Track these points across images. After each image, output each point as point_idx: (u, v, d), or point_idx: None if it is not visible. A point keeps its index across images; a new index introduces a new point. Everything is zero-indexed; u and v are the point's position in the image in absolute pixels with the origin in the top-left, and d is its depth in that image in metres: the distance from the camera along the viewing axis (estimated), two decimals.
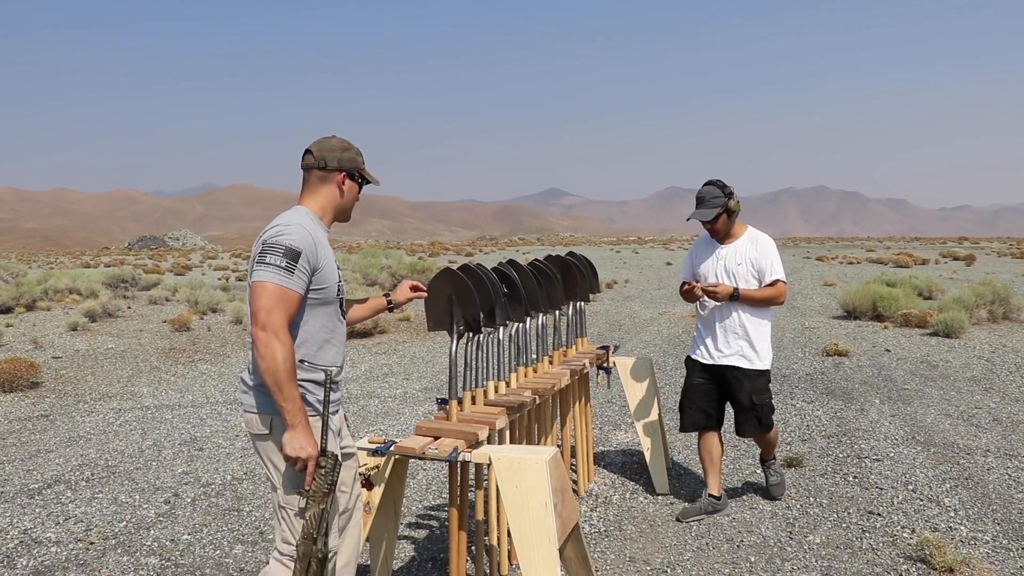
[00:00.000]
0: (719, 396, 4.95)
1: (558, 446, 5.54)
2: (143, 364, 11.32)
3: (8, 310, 17.21)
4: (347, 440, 3.17)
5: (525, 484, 3.31)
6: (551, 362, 5.05)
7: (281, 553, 2.90)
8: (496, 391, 4.21)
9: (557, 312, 5.06)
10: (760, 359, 4.79)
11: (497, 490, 3.84)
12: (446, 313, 3.75)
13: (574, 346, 5.57)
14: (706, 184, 4.76)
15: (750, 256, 4.73)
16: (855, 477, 5.69)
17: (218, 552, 4.69)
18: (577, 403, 5.36)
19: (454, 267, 3.75)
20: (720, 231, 4.76)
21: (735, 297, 4.68)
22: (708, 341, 4.89)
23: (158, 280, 25.12)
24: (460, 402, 3.87)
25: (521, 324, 4.48)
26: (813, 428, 7.07)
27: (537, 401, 4.31)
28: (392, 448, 3.48)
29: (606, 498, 5.35)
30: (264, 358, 2.58)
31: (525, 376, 4.62)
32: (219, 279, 30.36)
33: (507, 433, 4.03)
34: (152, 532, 5.02)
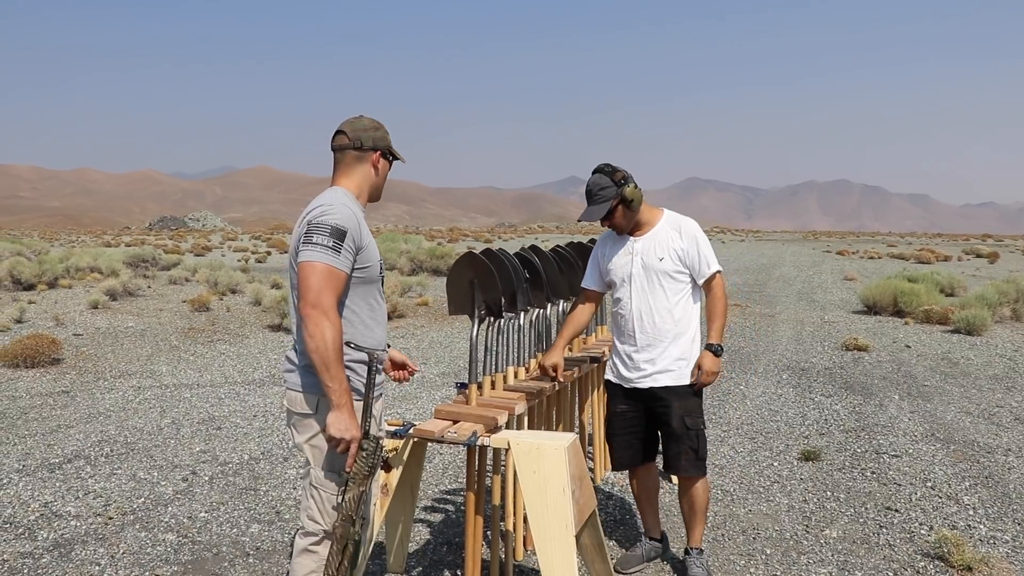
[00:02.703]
0: (647, 423, 4.02)
1: (576, 433, 5.54)
2: (162, 343, 11.40)
3: (31, 287, 17.36)
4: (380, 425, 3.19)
5: (543, 470, 3.30)
6: (571, 349, 5.03)
7: (306, 533, 2.92)
8: (516, 377, 4.21)
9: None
10: (690, 370, 3.88)
11: (515, 475, 3.84)
12: (468, 297, 3.75)
13: (594, 334, 5.56)
14: (593, 173, 3.87)
15: (675, 248, 3.85)
16: (873, 472, 5.65)
17: (235, 530, 4.72)
18: (596, 391, 5.34)
19: (476, 252, 3.74)
20: (621, 225, 3.89)
21: (720, 351, 3.89)
22: (626, 357, 3.97)
23: (178, 260, 25.27)
24: (480, 387, 3.87)
25: (542, 310, 4.47)
26: (831, 422, 7.03)
27: (557, 388, 4.30)
28: (411, 431, 3.48)
29: (623, 486, 5.34)
30: (314, 337, 2.60)
31: None
32: (238, 260, 30.52)
33: (525, 419, 4.03)
34: (170, 509, 5.05)
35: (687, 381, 3.86)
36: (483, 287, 3.71)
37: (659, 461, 4.21)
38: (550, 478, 3.28)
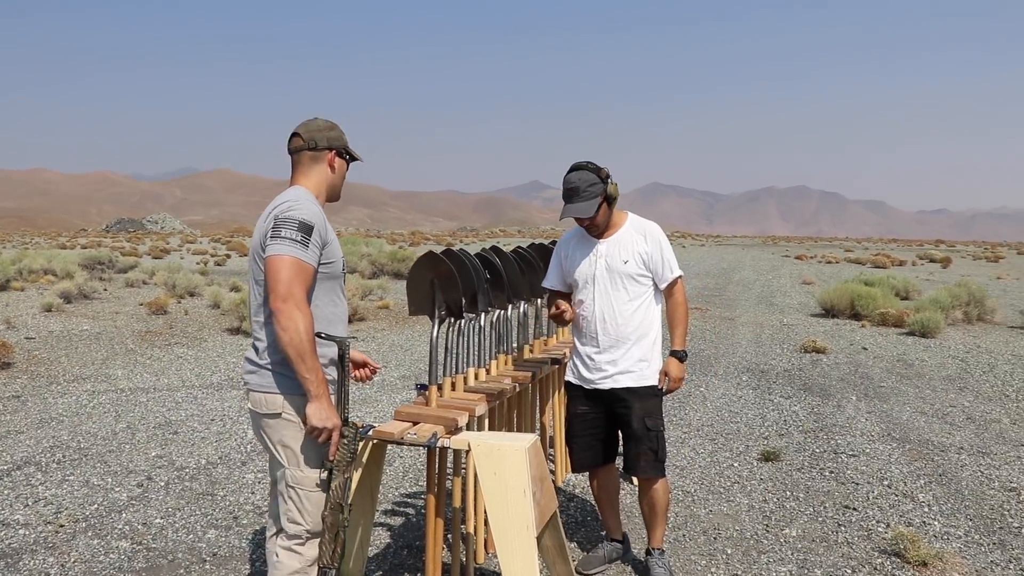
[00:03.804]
0: (608, 424, 4.02)
1: (537, 434, 5.53)
2: (118, 347, 11.19)
3: None
4: None
5: (504, 471, 3.28)
6: (532, 351, 5.02)
7: (289, 536, 2.92)
8: (476, 378, 4.18)
9: (539, 301, 5.03)
10: (652, 371, 3.89)
11: (475, 477, 3.81)
12: (428, 298, 3.72)
13: (555, 336, 5.56)
14: (575, 170, 3.78)
15: (639, 251, 3.85)
16: (831, 472, 5.71)
17: (191, 536, 4.64)
18: (556, 392, 5.34)
19: (437, 252, 3.71)
20: (601, 225, 3.86)
21: (684, 356, 3.94)
22: (587, 359, 3.96)
23: (135, 263, 24.86)
24: (440, 388, 3.84)
25: (503, 311, 4.45)
26: (791, 423, 7.10)
27: (517, 389, 4.28)
28: (370, 433, 3.44)
29: (584, 488, 5.34)
30: (287, 330, 2.61)
31: (506, 364, 4.59)
32: (197, 263, 30.11)
33: (486, 420, 4.00)
34: (124, 515, 4.95)
35: (648, 382, 3.87)
36: (443, 288, 3.68)
37: (619, 463, 4.21)
38: (511, 479, 3.26)
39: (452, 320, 3.83)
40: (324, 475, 2.86)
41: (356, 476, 3.61)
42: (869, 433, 6.79)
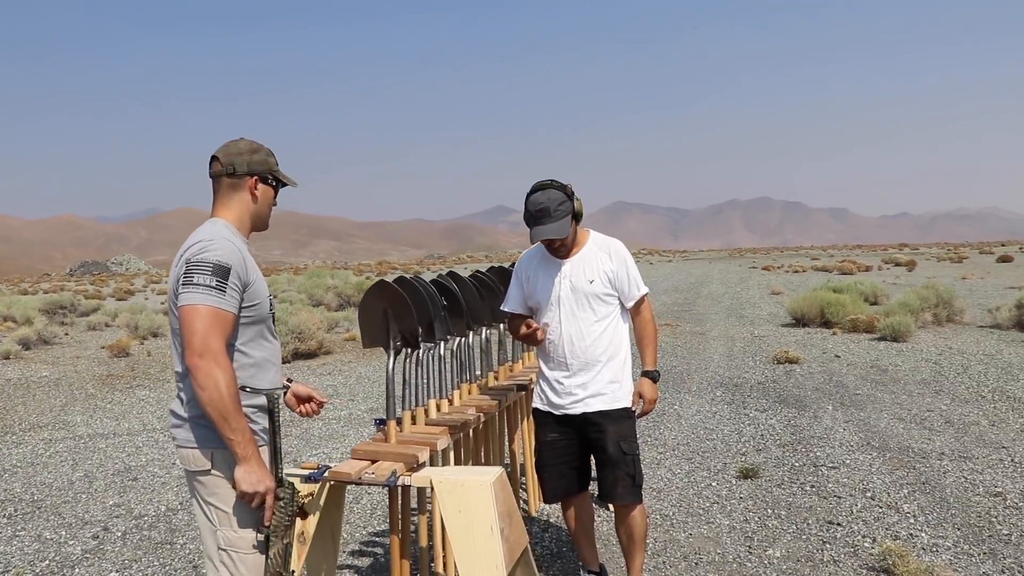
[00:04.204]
0: (580, 450, 3.81)
1: (506, 466, 5.34)
2: (78, 392, 10.84)
3: None
4: None
5: (469, 508, 3.09)
6: (497, 378, 4.85)
7: None
8: (439, 409, 4.00)
9: (502, 326, 4.86)
10: (624, 392, 3.73)
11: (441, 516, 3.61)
12: (382, 328, 3.53)
13: (520, 361, 5.38)
14: (539, 189, 3.59)
15: (604, 269, 3.69)
16: (812, 486, 5.57)
17: None
18: (525, 420, 5.15)
19: (387, 280, 3.53)
20: (570, 245, 3.71)
21: (657, 376, 3.81)
22: (556, 383, 3.76)
23: (98, 305, 24.37)
24: (399, 422, 3.65)
25: (463, 338, 4.28)
26: (767, 437, 6.96)
27: (482, 419, 4.10)
28: (326, 474, 3.24)
29: (558, 517, 5.14)
30: (206, 388, 2.34)
31: (469, 393, 4.41)
32: (161, 303, 29.60)
33: (451, 454, 3.82)
34: (77, 570, 4.71)
35: (621, 404, 3.71)
36: (397, 317, 3.49)
37: (592, 489, 4.03)
38: (476, 516, 3.08)
39: (408, 351, 3.65)
40: (261, 537, 2.58)
41: (314, 519, 3.40)
42: (848, 443, 6.66)
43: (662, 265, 56.23)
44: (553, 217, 3.55)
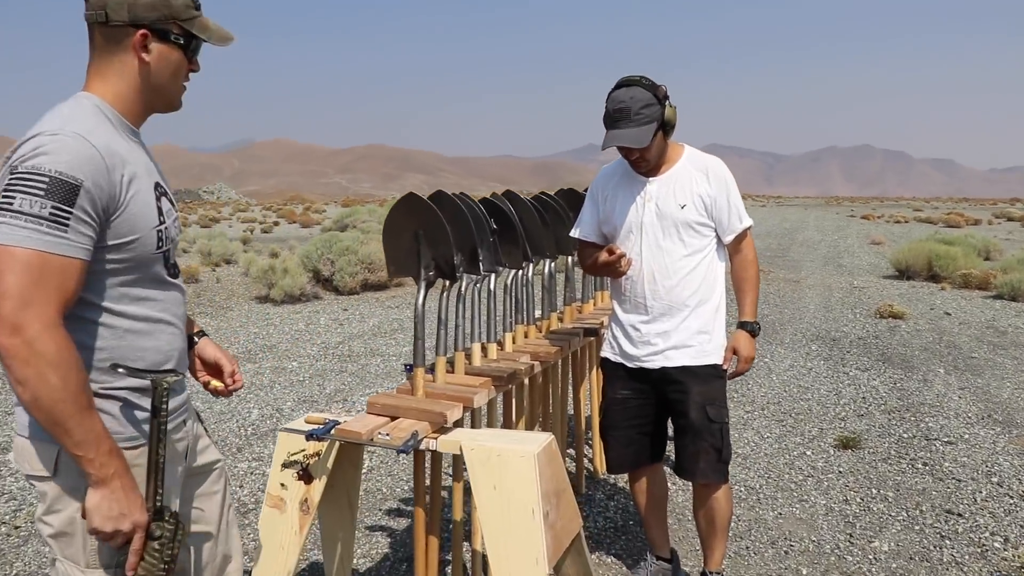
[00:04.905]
0: (656, 413, 3.14)
1: (568, 426, 4.69)
2: None
3: None
4: (210, 454, 2.16)
5: (506, 484, 2.45)
6: (561, 320, 4.16)
7: None
8: (485, 355, 3.34)
9: (570, 259, 4.15)
10: (714, 346, 3.02)
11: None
12: (411, 254, 2.86)
13: (592, 301, 4.67)
14: (623, 86, 2.86)
15: (700, 193, 2.95)
16: (925, 464, 4.75)
17: None
18: (594, 371, 4.48)
19: (419, 194, 2.84)
20: (653, 159, 2.93)
21: (756, 330, 3.07)
22: (631, 330, 3.07)
23: None
24: (431, 370, 3.01)
25: (520, 271, 3.59)
26: (870, 401, 6.12)
27: (536, 369, 3.43)
28: (332, 431, 2.63)
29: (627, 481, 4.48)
30: (26, 383, 1.50)
31: (526, 337, 3.74)
32: (243, 231, 29.73)
33: (499, 410, 3.19)
34: None
35: (710, 360, 2.99)
36: (430, 241, 2.82)
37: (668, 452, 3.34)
38: (514, 496, 2.44)
39: (448, 283, 2.98)
40: None
41: (319, 484, 2.81)
42: (965, 414, 5.77)
43: (755, 210, 54.15)
44: (634, 121, 2.80)
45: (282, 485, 2.87)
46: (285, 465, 2.83)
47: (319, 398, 6.49)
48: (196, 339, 2.19)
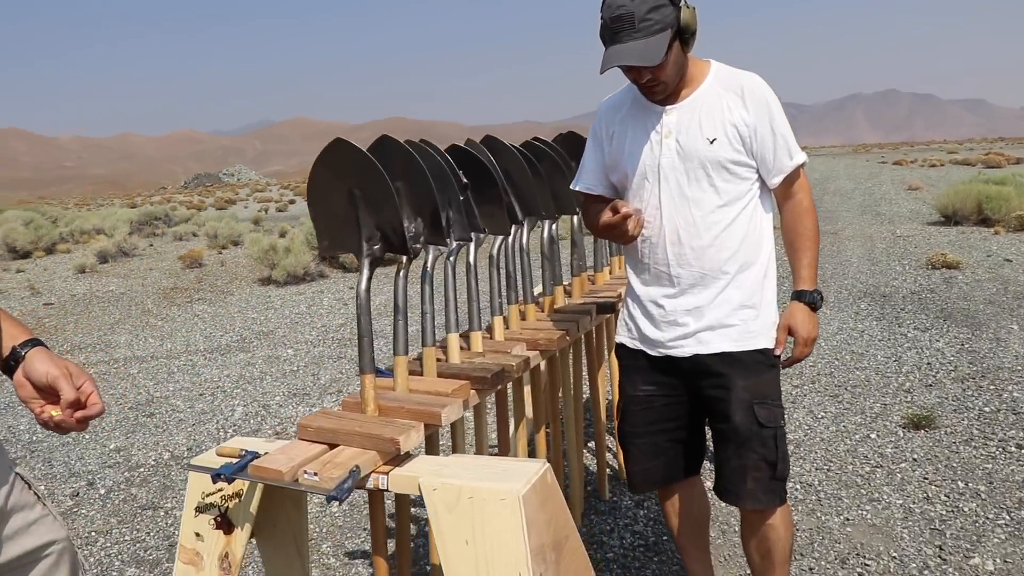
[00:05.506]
0: (690, 414, 2.38)
1: (587, 415, 3.94)
2: (135, 308, 9.99)
3: (27, 255, 16.12)
4: (35, 535, 1.52)
5: (482, 538, 1.75)
6: (569, 295, 3.41)
7: None
8: (468, 348, 2.61)
9: (575, 218, 3.39)
10: (762, 325, 2.25)
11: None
12: (348, 223, 2.12)
13: (607, 268, 3.92)
14: None
15: (735, 122, 2.18)
16: (1020, 447, 3.95)
17: None
18: (611, 355, 3.72)
19: (349, 140, 2.08)
20: (671, 80, 2.16)
21: (818, 302, 2.27)
22: (653, 307, 2.31)
23: (190, 216, 23.95)
24: (384, 375, 2.28)
25: (509, 238, 2.84)
26: (937, 367, 5.30)
27: (534, 363, 2.68)
28: (249, 469, 1.92)
29: None
30: None
31: (523, 319, 3.00)
32: (257, 211, 29.12)
33: (485, 415, 2.46)
34: None
35: (757, 343, 2.23)
36: (371, 204, 2.07)
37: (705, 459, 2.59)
38: (494, 555, 1.73)
39: (404, 258, 2.23)
40: None
41: (242, 535, 2.10)
42: None
43: None
44: (640, 30, 2.03)
45: (197, 535, 2.17)
46: (199, 509, 2.13)
47: (312, 390, 5.82)
48: (21, 353, 1.48)
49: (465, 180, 2.43)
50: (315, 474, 1.82)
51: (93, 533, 3.75)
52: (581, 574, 1.91)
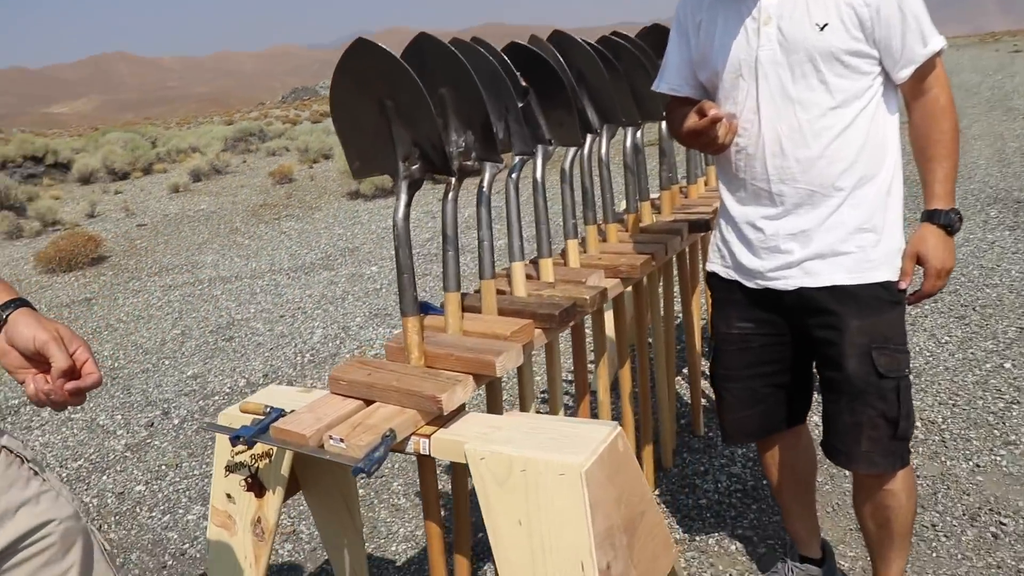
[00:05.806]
0: (794, 356, 2.02)
1: (680, 347, 3.56)
2: (224, 226, 10.02)
3: (126, 176, 16.45)
4: (29, 516, 1.25)
5: (538, 519, 1.46)
6: (658, 212, 3.01)
7: None
8: (537, 277, 2.28)
9: (661, 125, 2.95)
10: (883, 253, 1.83)
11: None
12: (382, 138, 1.78)
13: (702, 179, 3.49)
14: None
15: (852, 2, 1.72)
16: None
17: (166, 518, 3.21)
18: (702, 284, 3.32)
19: (378, 43, 1.74)
20: None
21: (955, 224, 1.80)
22: (750, 229, 1.93)
23: (284, 131, 24.05)
24: (434, 312, 1.97)
25: (585, 149, 2.45)
26: None
27: (614, 293, 2.33)
28: (270, 431, 1.66)
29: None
30: None
31: (604, 241, 2.63)
32: None
33: (554, 358, 2.14)
34: (105, 477, 3.62)
35: (878, 276, 1.83)
36: (405, 118, 1.72)
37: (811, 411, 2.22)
38: (551, 539, 1.44)
39: (451, 180, 1.89)
40: None
41: (275, 498, 1.87)
42: None
43: None
44: None
45: (228, 496, 1.96)
46: (228, 469, 1.91)
47: (393, 311, 5.61)
48: (3, 316, 1.22)
49: (524, 84, 2.05)
50: (341, 440, 1.54)
51: (163, 467, 3.65)
52: (660, 556, 1.60)
